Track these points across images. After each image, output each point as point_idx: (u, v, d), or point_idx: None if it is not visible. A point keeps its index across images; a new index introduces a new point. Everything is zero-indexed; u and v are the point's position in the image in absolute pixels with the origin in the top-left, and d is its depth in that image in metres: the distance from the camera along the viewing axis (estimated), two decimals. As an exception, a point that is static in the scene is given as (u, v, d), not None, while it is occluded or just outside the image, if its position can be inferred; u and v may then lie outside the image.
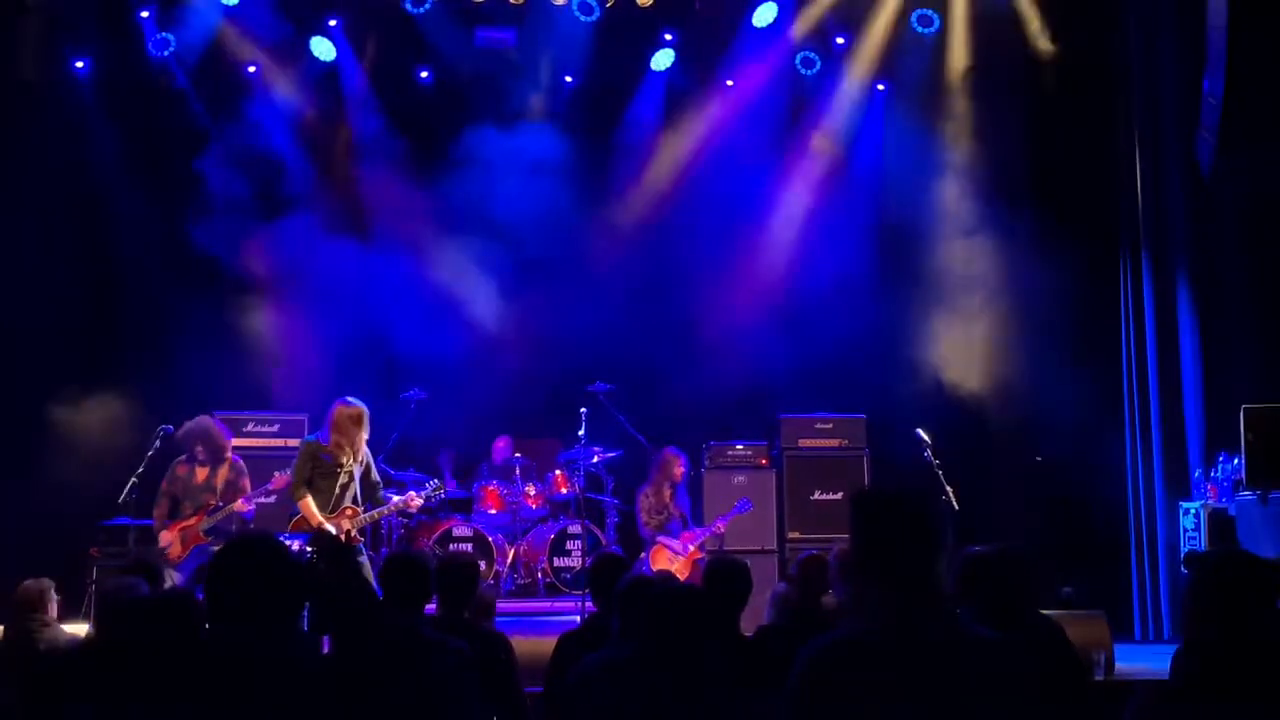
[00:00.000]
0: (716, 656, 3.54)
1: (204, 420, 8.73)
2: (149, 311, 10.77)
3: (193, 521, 8.38)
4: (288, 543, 7.70)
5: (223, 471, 8.54)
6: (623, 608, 4.23)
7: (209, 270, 10.69)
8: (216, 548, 8.21)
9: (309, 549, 7.66)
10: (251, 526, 8.72)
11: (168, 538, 8.38)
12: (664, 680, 3.42)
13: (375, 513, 8.19)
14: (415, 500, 8.48)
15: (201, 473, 8.54)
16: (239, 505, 8.34)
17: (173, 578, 8.09)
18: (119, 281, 11.03)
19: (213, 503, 8.41)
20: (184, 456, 8.60)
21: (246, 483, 8.55)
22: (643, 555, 9.75)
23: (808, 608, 5.21)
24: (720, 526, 9.70)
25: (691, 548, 9.51)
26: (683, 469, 9.85)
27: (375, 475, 8.30)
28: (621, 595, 4.27)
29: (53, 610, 6.02)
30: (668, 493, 9.79)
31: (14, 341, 10.24)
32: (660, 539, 9.63)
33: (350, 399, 8.19)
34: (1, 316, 10.32)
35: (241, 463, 8.68)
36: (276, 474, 8.55)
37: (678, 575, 8.88)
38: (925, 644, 2.80)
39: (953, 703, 2.74)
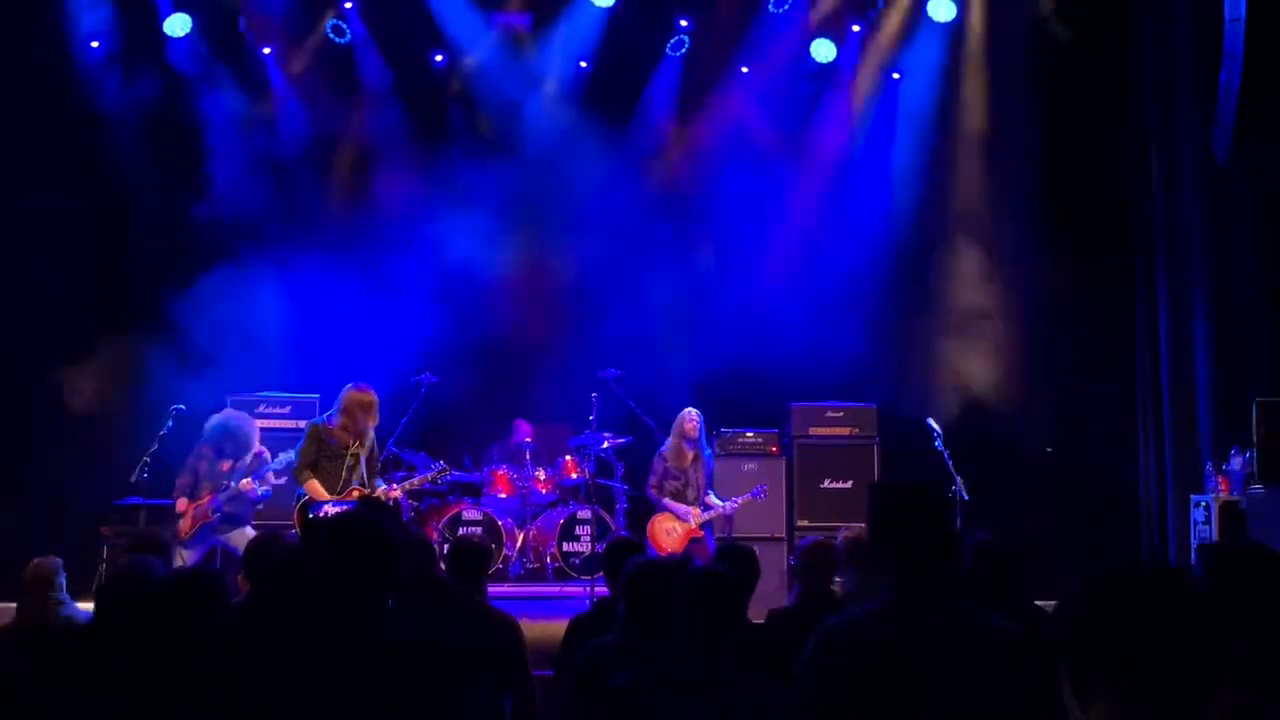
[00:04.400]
0: (726, 641, 3.55)
1: (233, 418, 8.79)
2: (162, 291, 10.79)
3: (204, 501, 8.43)
4: (333, 510, 7.68)
5: (245, 460, 8.57)
6: (628, 592, 4.24)
7: (221, 250, 10.70)
8: (222, 532, 8.33)
9: None
10: (260, 508, 8.78)
11: (183, 506, 8.46)
12: (672, 664, 3.43)
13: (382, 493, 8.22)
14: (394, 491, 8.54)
15: (225, 463, 8.58)
16: (244, 484, 8.37)
17: (183, 556, 8.16)
18: (132, 260, 11.05)
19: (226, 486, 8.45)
20: (211, 441, 8.65)
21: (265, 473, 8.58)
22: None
23: (817, 593, 5.21)
24: (729, 508, 9.42)
25: (693, 524, 9.25)
26: (694, 424, 9.44)
27: (376, 462, 8.35)
28: (627, 580, 4.28)
29: (62, 588, 6.05)
30: (689, 456, 9.42)
31: (26, 320, 10.28)
32: (666, 503, 9.34)
33: (362, 384, 8.22)
34: (14, 296, 10.37)
35: (265, 454, 8.67)
36: (280, 455, 8.61)
37: (667, 548, 8.90)
38: (934, 627, 2.85)
39: (958, 682, 2.78)
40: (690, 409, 9.59)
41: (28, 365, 10.23)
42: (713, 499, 9.45)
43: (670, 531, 9.19)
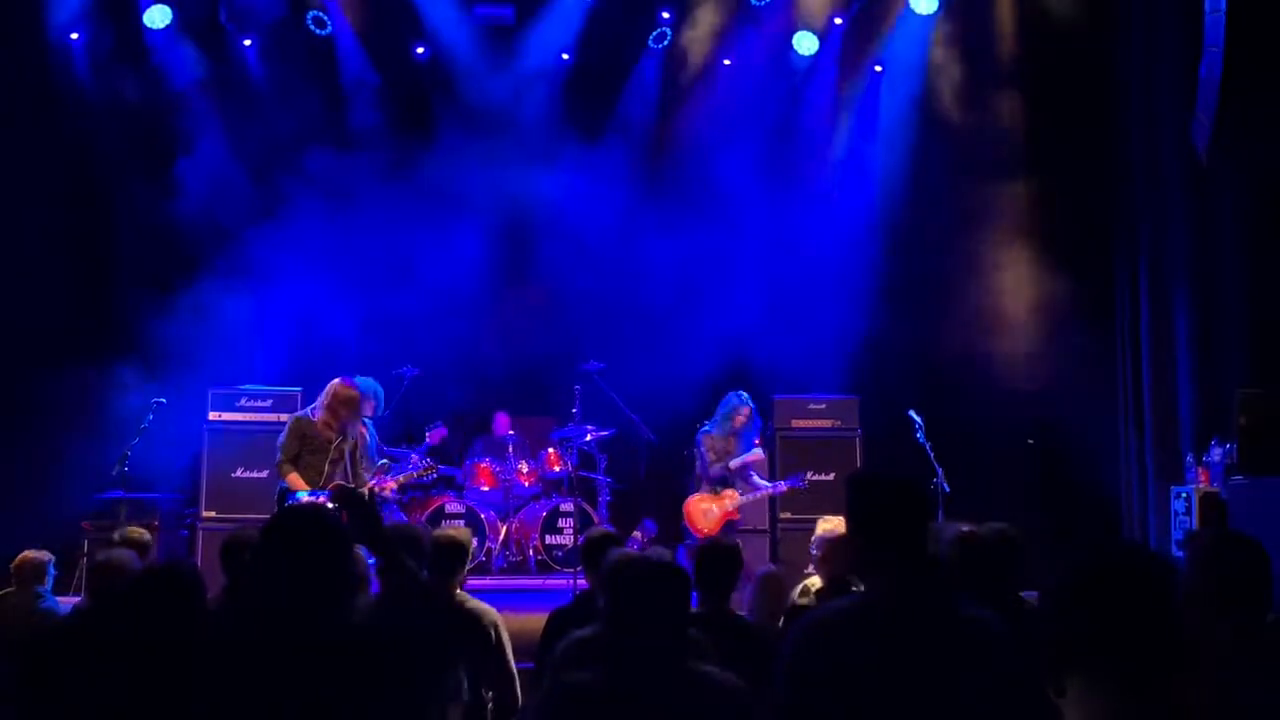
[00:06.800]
0: (698, 635, 3.54)
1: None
2: (143, 285, 10.74)
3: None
4: (313, 499, 7.57)
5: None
6: (609, 585, 4.23)
7: (202, 244, 10.66)
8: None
9: (331, 505, 7.53)
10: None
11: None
12: (645, 659, 3.42)
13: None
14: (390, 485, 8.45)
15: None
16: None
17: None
18: (114, 255, 11.01)
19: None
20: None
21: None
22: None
23: (835, 589, 5.17)
24: (776, 489, 9.46)
25: (731, 506, 9.19)
26: (745, 417, 9.27)
27: (366, 459, 8.21)
28: (607, 573, 4.27)
29: (48, 583, 6.03)
30: (733, 441, 9.28)
31: (8, 315, 10.22)
32: (752, 479, 9.36)
33: (349, 380, 8.11)
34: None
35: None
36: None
37: (704, 529, 8.89)
38: (914, 619, 2.85)
39: (938, 675, 2.78)
40: (740, 400, 9.37)
41: (6, 359, 10.17)
42: (756, 479, 9.47)
43: (708, 512, 9.10)
